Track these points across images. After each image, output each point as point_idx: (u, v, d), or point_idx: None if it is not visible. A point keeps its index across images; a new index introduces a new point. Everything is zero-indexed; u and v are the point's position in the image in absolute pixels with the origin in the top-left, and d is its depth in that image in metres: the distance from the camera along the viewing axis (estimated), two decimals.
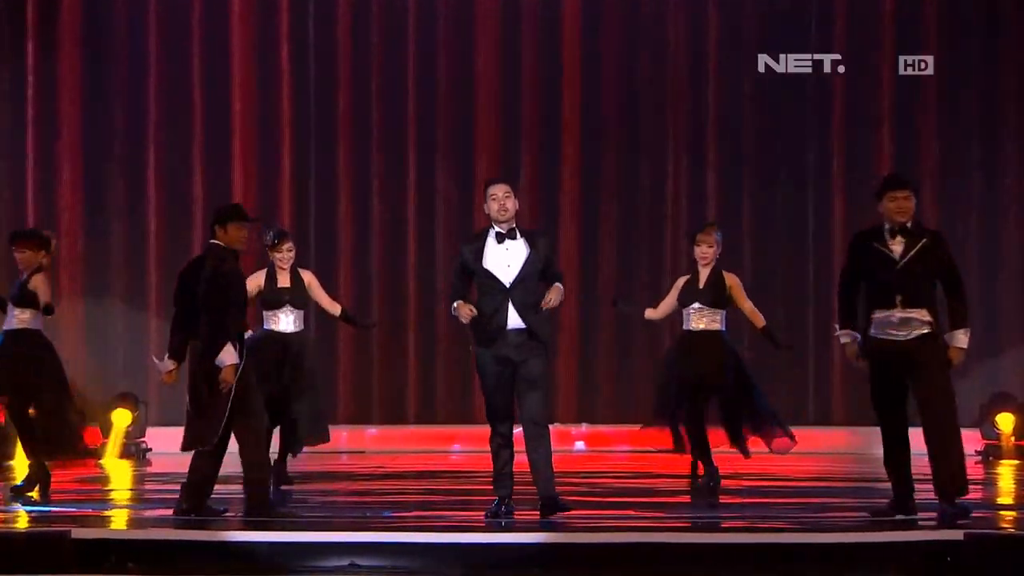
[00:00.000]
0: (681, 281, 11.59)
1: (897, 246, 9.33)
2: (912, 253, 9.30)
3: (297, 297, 11.91)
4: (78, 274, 17.02)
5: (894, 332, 9.31)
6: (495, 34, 17.27)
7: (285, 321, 11.85)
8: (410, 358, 17.16)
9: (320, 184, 17.23)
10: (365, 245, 17.21)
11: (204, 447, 9.46)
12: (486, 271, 9.48)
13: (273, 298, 11.85)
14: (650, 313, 11.78)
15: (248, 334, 11.57)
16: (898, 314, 9.31)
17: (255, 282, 11.77)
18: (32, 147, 16.99)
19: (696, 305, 11.39)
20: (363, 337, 16.81)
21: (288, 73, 17.18)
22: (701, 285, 11.39)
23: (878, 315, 9.35)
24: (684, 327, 11.52)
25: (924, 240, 9.35)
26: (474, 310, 9.41)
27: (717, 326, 11.41)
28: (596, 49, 17.23)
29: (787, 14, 17.07)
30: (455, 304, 9.50)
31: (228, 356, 9.33)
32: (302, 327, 11.98)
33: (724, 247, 11.70)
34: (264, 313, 11.94)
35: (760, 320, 11.63)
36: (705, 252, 11.40)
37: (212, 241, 9.63)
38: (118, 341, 16.97)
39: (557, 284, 9.51)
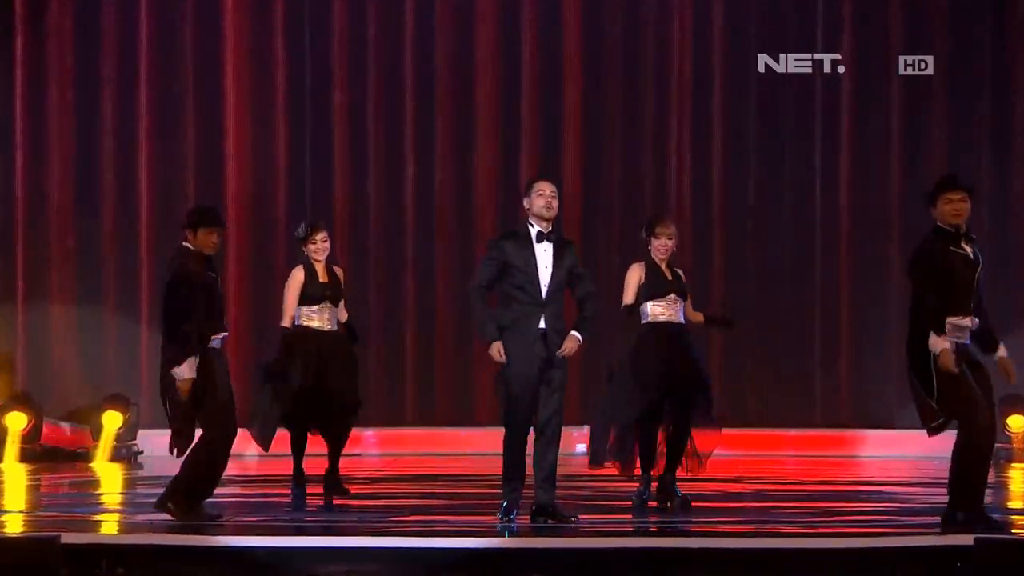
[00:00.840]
0: (638, 271, 10.79)
1: (969, 249, 9.07)
2: (982, 258, 9.08)
3: (336, 293, 11.29)
4: (69, 273, 16.88)
5: (962, 336, 9.01)
6: (495, 30, 17.16)
7: (322, 318, 11.22)
8: (408, 359, 17.03)
9: (316, 182, 17.09)
10: (362, 244, 17.08)
11: (180, 454, 9.31)
12: (536, 274, 9.32)
13: (315, 294, 11.20)
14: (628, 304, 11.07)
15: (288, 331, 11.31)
16: (971, 320, 9.06)
17: (297, 279, 11.21)
18: (21, 144, 16.83)
19: (672, 296, 10.84)
20: (361, 337, 16.66)
21: (283, 66, 17.05)
22: (669, 276, 10.87)
23: (953, 320, 8.97)
24: (649, 319, 10.68)
25: (978, 247, 9.13)
26: (504, 355, 9.27)
27: (682, 319, 10.75)
28: (598, 47, 17.13)
29: (788, 14, 16.98)
30: (493, 345, 9.27)
31: (185, 370, 9.14)
32: (337, 326, 11.32)
33: (728, 248, 11.43)
34: (300, 309, 11.21)
35: (699, 314, 11.13)
36: (666, 244, 10.76)
37: (183, 244, 9.48)
38: (109, 341, 16.82)
39: (574, 334, 9.41)
